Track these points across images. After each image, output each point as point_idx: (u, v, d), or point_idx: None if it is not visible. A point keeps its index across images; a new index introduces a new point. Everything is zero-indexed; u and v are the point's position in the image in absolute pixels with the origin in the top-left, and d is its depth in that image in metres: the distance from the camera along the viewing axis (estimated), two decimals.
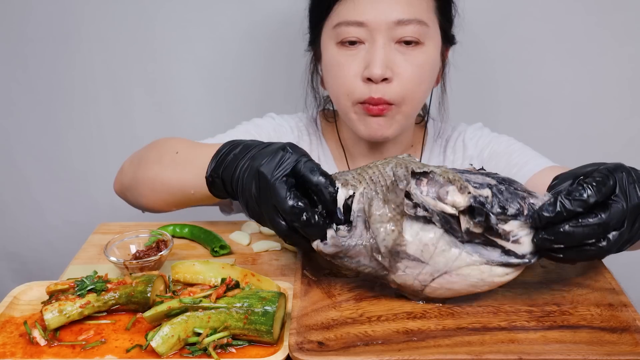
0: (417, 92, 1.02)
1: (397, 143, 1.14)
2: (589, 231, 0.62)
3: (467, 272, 0.67)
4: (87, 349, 0.66)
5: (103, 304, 0.70)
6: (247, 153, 0.78)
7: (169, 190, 0.93)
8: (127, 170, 1.02)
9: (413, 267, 0.68)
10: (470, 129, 1.18)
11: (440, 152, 1.18)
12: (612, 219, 0.62)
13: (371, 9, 0.97)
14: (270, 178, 0.70)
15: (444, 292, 0.69)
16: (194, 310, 0.66)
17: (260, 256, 0.90)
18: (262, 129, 1.16)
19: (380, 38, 0.98)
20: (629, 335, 0.64)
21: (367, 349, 0.63)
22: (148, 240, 0.86)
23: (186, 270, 0.75)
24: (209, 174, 0.82)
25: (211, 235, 0.92)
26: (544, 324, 0.67)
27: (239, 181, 0.77)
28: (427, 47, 1.01)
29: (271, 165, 0.71)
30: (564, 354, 0.60)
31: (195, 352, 0.64)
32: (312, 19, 1.09)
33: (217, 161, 0.82)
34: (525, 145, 1.13)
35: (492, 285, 0.68)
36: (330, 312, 0.70)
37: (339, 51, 1.02)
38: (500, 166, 1.11)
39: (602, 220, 0.62)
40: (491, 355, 0.61)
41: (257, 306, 0.65)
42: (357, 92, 1.01)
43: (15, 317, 0.72)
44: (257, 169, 0.72)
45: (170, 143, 0.98)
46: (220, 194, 0.84)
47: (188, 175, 0.89)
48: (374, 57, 0.98)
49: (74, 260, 0.90)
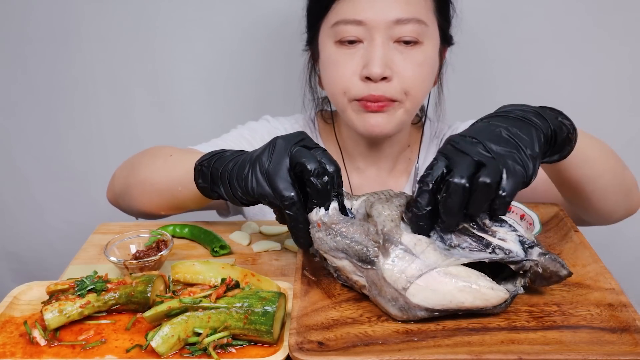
0: (419, 89, 1.02)
1: (395, 143, 1.14)
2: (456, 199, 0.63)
3: (457, 272, 0.66)
4: (87, 349, 0.66)
5: (103, 304, 0.70)
6: (248, 152, 0.78)
7: (158, 191, 0.93)
8: (119, 177, 1.03)
9: (402, 257, 0.66)
10: (463, 126, 1.19)
11: (435, 151, 1.18)
12: (455, 165, 0.63)
13: (370, 7, 0.97)
14: (292, 145, 0.72)
15: (427, 296, 0.65)
16: (194, 310, 0.66)
17: (260, 256, 0.90)
18: (257, 133, 1.16)
19: (379, 37, 0.98)
20: (629, 335, 0.64)
21: (367, 349, 0.63)
22: (148, 240, 0.86)
23: (186, 270, 0.75)
24: (199, 162, 0.82)
25: (211, 235, 0.92)
26: (544, 324, 0.67)
27: (234, 167, 0.76)
28: (426, 47, 1.01)
29: (291, 137, 0.74)
30: (564, 354, 0.60)
31: (195, 352, 0.64)
32: (310, 18, 1.09)
33: (212, 154, 0.82)
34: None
35: (476, 295, 0.65)
36: (330, 312, 0.70)
37: (337, 50, 1.01)
38: None
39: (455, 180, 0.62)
40: (491, 355, 0.60)
41: (257, 306, 0.65)
42: (354, 89, 1.01)
43: (15, 317, 0.72)
44: (272, 140, 0.74)
45: (163, 149, 0.99)
46: (204, 186, 0.82)
47: (178, 173, 0.89)
48: (372, 56, 0.97)
49: (74, 260, 0.90)
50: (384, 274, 0.66)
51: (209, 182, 0.81)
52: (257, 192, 0.73)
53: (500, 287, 0.67)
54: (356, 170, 1.17)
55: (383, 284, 0.67)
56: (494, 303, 0.66)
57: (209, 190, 0.81)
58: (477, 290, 0.65)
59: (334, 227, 0.69)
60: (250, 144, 1.14)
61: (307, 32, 1.11)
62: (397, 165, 1.17)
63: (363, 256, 0.68)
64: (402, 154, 1.17)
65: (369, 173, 1.16)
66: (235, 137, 1.15)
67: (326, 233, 0.70)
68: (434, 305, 0.66)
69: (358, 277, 0.70)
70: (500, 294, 0.66)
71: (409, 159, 1.18)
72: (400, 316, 0.67)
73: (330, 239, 0.69)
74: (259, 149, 0.75)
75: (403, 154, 1.17)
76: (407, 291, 0.66)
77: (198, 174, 0.82)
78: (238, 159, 0.77)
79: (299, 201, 0.71)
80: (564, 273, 0.69)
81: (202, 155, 0.83)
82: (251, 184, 0.73)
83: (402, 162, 1.18)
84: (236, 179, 0.75)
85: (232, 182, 0.76)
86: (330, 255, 0.71)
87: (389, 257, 0.67)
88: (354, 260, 0.69)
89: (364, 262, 0.68)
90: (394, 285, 0.66)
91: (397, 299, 0.66)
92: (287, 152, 0.72)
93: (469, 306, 0.66)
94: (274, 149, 0.73)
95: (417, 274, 0.66)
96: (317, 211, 0.70)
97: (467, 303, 0.65)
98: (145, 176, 0.95)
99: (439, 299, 0.65)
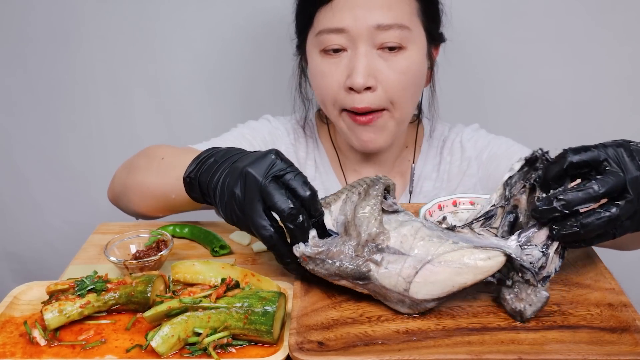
0: (404, 97, 1.01)
1: (391, 146, 1.13)
2: (584, 196, 0.63)
3: (449, 258, 0.66)
4: (87, 349, 0.66)
5: (103, 304, 0.70)
6: (229, 158, 0.76)
7: (153, 195, 0.93)
8: (119, 178, 1.03)
9: (394, 261, 0.67)
10: (468, 130, 1.18)
11: (437, 153, 1.18)
12: (607, 188, 0.62)
13: (350, 15, 0.97)
14: (263, 179, 0.69)
15: (430, 289, 0.66)
16: (194, 310, 0.66)
17: (260, 256, 0.90)
18: (257, 132, 1.16)
19: (362, 45, 0.97)
20: (629, 335, 0.64)
21: (367, 349, 0.63)
22: (148, 240, 0.86)
23: (186, 270, 0.75)
24: (187, 175, 0.80)
25: (211, 235, 0.92)
26: (544, 324, 0.67)
27: (218, 183, 0.74)
28: (411, 52, 1.00)
29: (261, 167, 0.70)
30: (564, 354, 0.60)
31: (195, 352, 0.64)
32: (297, 25, 1.09)
33: (197, 163, 0.79)
34: (524, 146, 1.13)
35: (476, 271, 0.66)
36: (330, 312, 0.70)
37: (322, 60, 1.02)
38: (501, 168, 1.10)
39: (597, 190, 0.62)
40: (491, 355, 0.60)
41: (257, 306, 0.65)
42: (341, 100, 1.01)
43: (15, 317, 0.72)
44: (244, 170, 0.70)
45: (158, 150, 0.98)
46: (197, 196, 0.81)
47: (170, 180, 0.88)
48: (355, 66, 0.97)
49: (74, 260, 0.90)
50: (382, 283, 0.67)
51: (199, 193, 0.80)
52: (240, 227, 0.74)
53: (495, 252, 0.66)
54: (353, 172, 1.17)
55: (385, 291, 0.68)
56: (495, 269, 0.66)
57: (201, 199, 0.81)
58: (473, 267, 0.66)
59: (320, 257, 0.69)
60: (251, 143, 1.13)
61: (297, 38, 1.11)
62: (395, 167, 1.17)
63: (356, 275, 0.68)
64: (400, 154, 1.17)
65: (366, 174, 1.16)
66: (235, 136, 1.14)
67: (315, 264, 0.70)
68: (439, 295, 0.67)
69: (361, 289, 0.71)
70: (498, 259, 0.66)
71: (408, 160, 1.18)
72: (413, 312, 0.69)
73: (320, 268, 0.70)
74: (235, 174, 0.72)
75: (401, 155, 1.17)
76: (409, 291, 0.67)
77: (188, 187, 0.81)
78: (223, 170, 0.75)
79: (278, 239, 0.70)
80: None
81: (188, 166, 0.80)
82: (232, 218, 0.73)
83: (400, 164, 1.17)
84: (219, 205, 0.75)
85: (217, 204, 0.75)
86: (329, 279, 0.71)
87: (381, 265, 0.67)
88: (350, 279, 0.69)
89: (360, 280, 0.69)
90: (395, 289, 0.67)
91: (404, 300, 0.68)
92: (258, 189, 0.69)
93: (474, 282, 0.67)
94: (245, 183, 0.70)
95: (412, 273, 0.66)
96: (298, 247, 0.70)
97: (470, 281, 0.66)
98: (141, 180, 0.95)
99: (441, 288, 0.67)
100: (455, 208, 0.90)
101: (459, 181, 1.15)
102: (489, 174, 1.13)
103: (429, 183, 1.16)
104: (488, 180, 1.13)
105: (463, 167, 1.15)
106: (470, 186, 1.14)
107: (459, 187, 1.14)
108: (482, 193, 1.13)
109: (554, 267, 0.68)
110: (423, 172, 1.16)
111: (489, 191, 1.13)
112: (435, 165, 1.17)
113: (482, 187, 1.14)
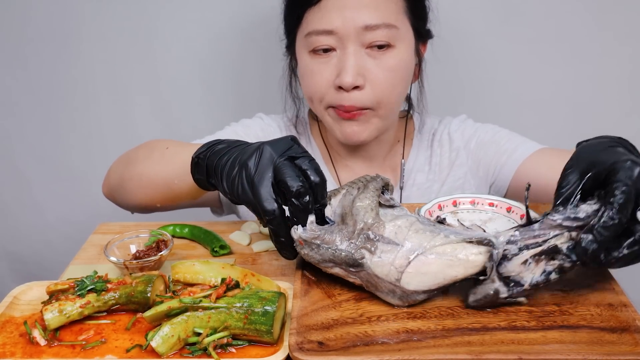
0: (391, 96, 1.03)
1: (381, 142, 1.14)
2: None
3: (441, 250, 0.67)
4: (87, 349, 0.66)
5: (103, 304, 0.70)
6: (240, 145, 0.78)
7: (154, 183, 0.93)
8: (115, 171, 1.03)
9: (388, 251, 0.68)
10: (455, 122, 1.20)
11: (427, 146, 1.19)
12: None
13: (338, 16, 0.98)
14: (278, 156, 0.71)
15: (421, 280, 0.67)
16: (194, 310, 0.66)
17: (260, 256, 0.90)
18: (250, 130, 1.17)
19: (351, 45, 0.99)
20: (629, 335, 0.64)
21: (367, 349, 0.63)
22: (148, 240, 0.86)
23: (186, 270, 0.75)
24: (196, 155, 0.81)
25: (211, 235, 0.92)
26: (544, 324, 0.67)
27: (228, 162, 0.75)
28: (399, 50, 1.01)
29: (279, 146, 0.73)
30: (564, 354, 0.60)
31: (195, 352, 0.64)
32: (286, 26, 1.10)
33: (207, 147, 0.81)
34: (511, 131, 1.14)
35: (467, 265, 0.67)
36: (330, 312, 0.70)
37: (312, 60, 1.03)
38: (490, 154, 1.12)
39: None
40: (491, 355, 0.61)
41: (257, 306, 0.65)
42: (328, 97, 1.03)
43: (15, 317, 0.72)
44: (261, 146, 0.73)
45: (160, 142, 0.99)
46: (201, 178, 0.81)
47: (174, 166, 0.89)
48: (344, 65, 0.98)
49: (74, 260, 0.90)
50: (375, 272, 0.68)
51: (205, 175, 0.80)
52: (242, 198, 0.73)
53: (486, 248, 0.67)
54: (345, 167, 1.17)
55: (377, 280, 0.69)
56: (485, 261, 0.67)
57: (205, 182, 0.81)
58: (465, 260, 0.67)
59: (315, 242, 0.70)
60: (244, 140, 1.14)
61: (286, 39, 1.12)
62: (386, 161, 1.18)
63: (350, 261, 0.69)
64: (392, 149, 1.18)
65: (358, 170, 1.17)
66: (229, 133, 1.15)
67: (310, 248, 0.71)
68: (430, 287, 0.68)
69: (353, 279, 0.71)
70: (489, 255, 0.67)
71: (400, 155, 1.19)
72: (402, 304, 0.70)
73: (314, 253, 0.70)
74: (249, 151, 0.74)
75: (393, 150, 1.18)
76: (400, 281, 0.68)
77: (195, 167, 0.81)
78: (232, 152, 0.77)
79: (280, 215, 0.70)
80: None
81: (199, 147, 0.82)
82: (237, 189, 0.73)
83: (391, 158, 1.18)
84: (225, 179, 0.75)
85: (222, 180, 0.76)
86: (322, 266, 0.72)
87: (374, 254, 0.68)
88: (343, 266, 0.70)
89: (352, 267, 0.69)
90: (387, 279, 0.68)
91: (395, 291, 0.69)
92: (272, 164, 0.71)
93: (464, 276, 0.68)
94: (260, 157, 0.72)
95: (405, 263, 0.67)
96: (296, 229, 0.70)
97: (460, 275, 0.67)
98: (141, 169, 0.95)
99: (432, 280, 0.68)
100: (455, 208, 0.90)
101: (448, 171, 1.16)
102: (478, 162, 1.15)
103: (422, 176, 1.17)
104: (478, 168, 1.15)
105: (452, 158, 1.16)
106: (461, 175, 1.16)
107: (449, 177, 1.16)
108: (477, 189, 1.15)
109: (531, 276, 0.67)
110: (415, 165, 1.18)
111: (479, 179, 1.14)
112: (427, 158, 1.18)
113: (473, 175, 1.15)
